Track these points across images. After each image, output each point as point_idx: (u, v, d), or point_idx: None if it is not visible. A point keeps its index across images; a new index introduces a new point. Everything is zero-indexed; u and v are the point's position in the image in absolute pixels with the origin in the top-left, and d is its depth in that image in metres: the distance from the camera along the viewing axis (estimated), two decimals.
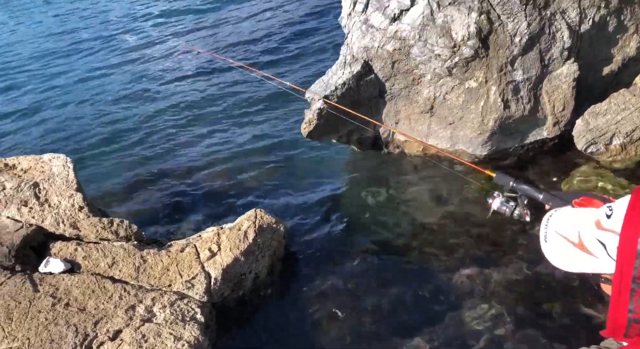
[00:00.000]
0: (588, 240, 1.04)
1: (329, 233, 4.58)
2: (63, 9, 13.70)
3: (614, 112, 4.38)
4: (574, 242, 1.08)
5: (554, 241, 1.13)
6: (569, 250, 1.09)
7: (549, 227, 1.15)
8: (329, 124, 5.06)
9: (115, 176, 5.76)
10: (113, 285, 3.66)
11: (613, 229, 0.98)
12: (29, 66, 10.03)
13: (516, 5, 4.13)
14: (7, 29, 12.55)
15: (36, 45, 11.13)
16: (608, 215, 1.00)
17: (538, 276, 3.69)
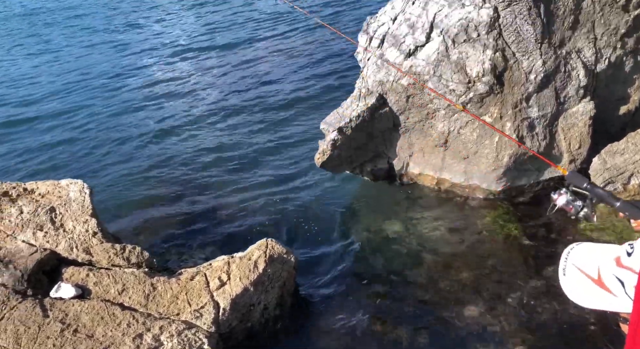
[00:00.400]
0: (607, 277, 1.03)
1: (340, 265, 4.54)
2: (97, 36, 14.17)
3: (631, 152, 4.33)
4: (592, 278, 1.07)
5: (573, 276, 1.11)
6: (587, 286, 1.08)
7: (569, 261, 1.14)
8: (343, 155, 5.09)
9: (130, 201, 5.83)
10: (122, 312, 3.66)
11: (632, 267, 0.97)
12: (50, 97, 10.33)
13: (531, 44, 4.16)
14: (31, 60, 13.00)
15: (56, 74, 11.47)
16: (629, 252, 0.99)
17: (552, 315, 3.59)
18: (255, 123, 7.41)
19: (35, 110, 9.56)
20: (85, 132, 8.10)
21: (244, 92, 8.52)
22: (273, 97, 8.18)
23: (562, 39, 4.18)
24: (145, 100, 8.87)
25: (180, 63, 10.71)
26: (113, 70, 11.08)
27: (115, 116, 8.43)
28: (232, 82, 9.10)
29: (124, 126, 7.99)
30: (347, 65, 8.60)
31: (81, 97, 9.77)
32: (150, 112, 8.29)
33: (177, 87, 9.38)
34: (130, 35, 13.58)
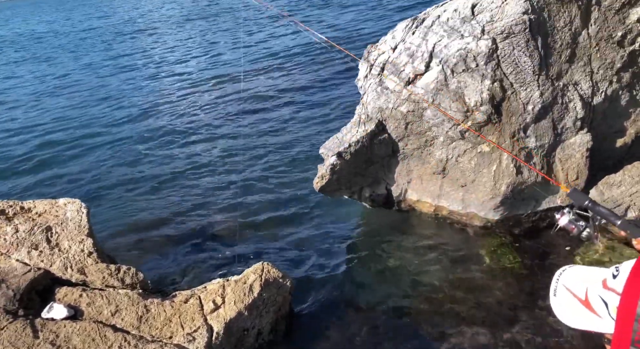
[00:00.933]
0: (593, 298, 1.05)
1: (336, 291, 4.50)
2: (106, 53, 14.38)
3: (628, 184, 4.36)
4: (580, 299, 1.09)
5: (563, 296, 1.14)
6: (575, 306, 1.10)
7: (560, 282, 1.16)
8: (342, 180, 5.11)
9: (127, 222, 5.82)
10: (114, 333, 3.61)
11: (616, 289, 0.98)
12: (47, 116, 10.41)
13: (529, 75, 4.23)
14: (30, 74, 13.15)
15: (55, 94, 11.58)
16: (614, 274, 1.02)
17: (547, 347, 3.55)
18: (255, 146, 7.47)
19: (33, 129, 9.62)
20: (85, 152, 8.14)
21: (244, 114, 8.61)
22: (273, 120, 8.26)
23: (559, 72, 4.25)
24: (144, 123, 8.95)
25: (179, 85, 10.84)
26: (114, 89, 11.20)
27: (116, 137, 8.49)
28: (232, 105, 9.20)
29: (123, 147, 8.04)
30: (348, 90, 8.71)
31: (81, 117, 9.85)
32: (149, 134, 8.36)
33: (176, 109, 9.48)
34: (130, 56, 13.77)
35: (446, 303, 4.12)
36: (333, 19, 12.79)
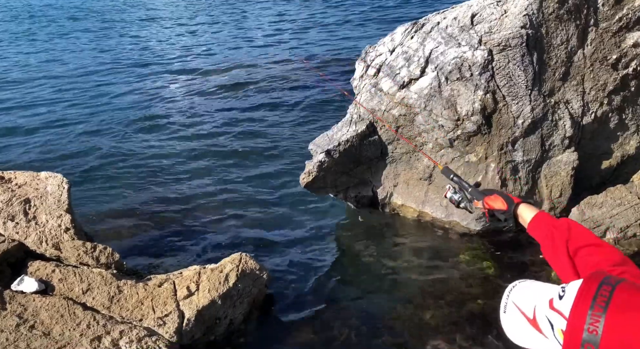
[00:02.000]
0: (540, 317, 1.04)
1: (312, 287, 4.50)
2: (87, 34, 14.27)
3: (609, 206, 4.40)
4: (528, 317, 1.08)
5: (512, 314, 1.12)
6: (523, 325, 1.09)
7: (510, 298, 1.15)
8: (328, 178, 5.11)
9: (108, 202, 5.78)
10: (83, 312, 3.58)
11: (562, 311, 0.98)
12: (41, 86, 10.32)
13: (522, 89, 4.26)
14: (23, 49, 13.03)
15: (49, 73, 11.48)
16: (560, 295, 1.01)
17: None
18: (243, 137, 7.45)
19: (25, 102, 9.53)
20: (72, 132, 8.06)
21: (234, 106, 8.60)
22: (263, 112, 8.25)
23: (552, 89, 4.28)
24: (135, 108, 8.89)
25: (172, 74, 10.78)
26: (108, 70, 11.12)
27: (105, 119, 8.43)
28: (223, 96, 9.17)
29: (112, 130, 7.98)
30: (343, 88, 8.71)
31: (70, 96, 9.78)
32: (139, 121, 8.31)
33: (166, 97, 9.42)
34: (127, 42, 13.68)
35: (421, 305, 4.14)
36: None
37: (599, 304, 0.87)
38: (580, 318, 0.88)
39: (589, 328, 0.86)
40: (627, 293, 0.86)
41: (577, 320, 0.88)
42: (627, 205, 4.31)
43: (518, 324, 1.10)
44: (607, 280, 0.90)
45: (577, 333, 0.87)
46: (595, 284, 0.90)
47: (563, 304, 0.98)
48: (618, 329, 0.84)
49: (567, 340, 0.89)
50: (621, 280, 0.90)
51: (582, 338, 0.86)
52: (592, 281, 0.91)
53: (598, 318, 0.86)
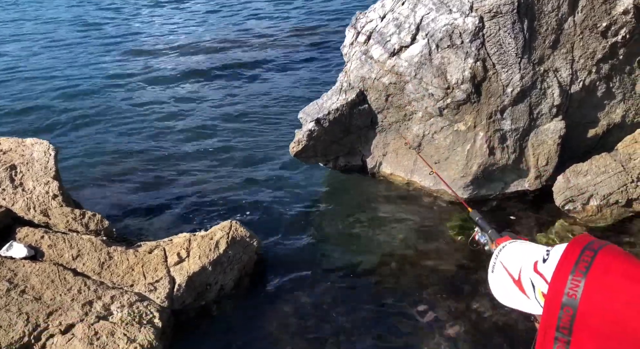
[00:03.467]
0: (524, 279, 1.07)
1: (303, 254, 4.56)
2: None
3: (594, 174, 4.48)
4: (513, 277, 1.10)
5: (498, 274, 1.15)
6: (508, 285, 1.12)
7: (499, 258, 1.17)
8: (318, 147, 5.11)
9: (98, 170, 5.73)
10: (74, 277, 3.60)
11: (544, 274, 1.00)
12: (31, 56, 10.04)
13: (512, 57, 4.26)
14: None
15: (42, 34, 11.16)
16: (544, 258, 1.02)
17: (498, 319, 3.68)
18: (233, 105, 7.37)
19: (11, 71, 9.29)
20: (60, 98, 7.91)
21: (223, 75, 8.46)
22: (253, 80, 8.15)
23: (541, 57, 4.28)
24: (127, 77, 8.71)
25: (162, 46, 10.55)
26: (97, 43, 10.84)
27: (94, 86, 8.26)
28: (213, 63, 9.02)
29: (101, 97, 7.84)
30: (333, 57, 8.62)
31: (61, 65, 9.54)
32: (123, 86, 8.16)
33: (157, 65, 9.24)
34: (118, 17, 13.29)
35: (408, 270, 4.22)
36: None
37: (580, 269, 0.88)
38: (561, 282, 0.90)
39: (568, 292, 0.88)
40: (608, 259, 0.88)
41: (558, 284, 0.90)
42: (610, 172, 4.39)
43: (504, 284, 1.13)
44: (590, 244, 0.92)
45: (557, 297, 0.90)
46: (578, 249, 0.92)
47: (546, 267, 1.00)
48: (596, 295, 0.86)
49: (547, 303, 0.92)
50: (605, 244, 0.92)
51: (562, 302, 0.88)
52: (575, 246, 0.93)
53: (578, 283, 0.88)
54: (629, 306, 0.82)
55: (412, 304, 3.91)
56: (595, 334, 0.85)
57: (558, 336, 0.89)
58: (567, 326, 0.88)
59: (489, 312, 3.76)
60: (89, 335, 3.21)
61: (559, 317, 0.88)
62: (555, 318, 0.89)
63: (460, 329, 3.64)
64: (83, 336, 3.19)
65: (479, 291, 3.97)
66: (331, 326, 3.71)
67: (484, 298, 3.89)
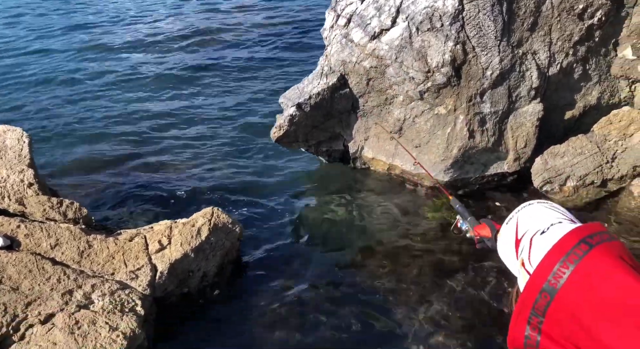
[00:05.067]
0: (523, 242, 1.07)
1: (285, 241, 4.56)
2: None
3: (570, 155, 4.56)
4: (517, 236, 1.11)
5: (509, 228, 1.16)
6: (509, 241, 1.13)
7: (518, 214, 1.17)
8: (299, 132, 5.08)
9: (74, 157, 5.60)
10: (53, 266, 3.53)
11: (533, 246, 1.01)
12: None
13: (491, 40, 4.28)
14: None
15: (9, 20, 10.80)
16: (544, 231, 1.03)
17: (483, 304, 3.75)
18: (214, 90, 7.27)
19: None
20: (31, 86, 7.68)
21: (204, 59, 8.32)
22: (234, 66, 8.04)
23: (520, 39, 4.31)
24: (105, 64, 8.50)
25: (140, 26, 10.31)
26: (67, 30, 10.54)
27: (67, 75, 8.04)
28: (193, 49, 8.86)
29: (75, 85, 7.63)
30: (314, 40, 8.54)
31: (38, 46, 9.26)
32: (99, 72, 7.97)
33: (136, 49, 9.04)
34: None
35: (390, 256, 4.26)
36: None
37: (569, 261, 0.89)
38: (547, 269, 0.91)
39: (550, 280, 0.90)
40: (599, 258, 0.89)
41: (544, 270, 0.92)
42: (587, 153, 4.48)
43: (507, 238, 1.14)
44: (588, 237, 0.92)
45: (539, 281, 0.91)
46: (575, 239, 0.92)
47: (538, 240, 1.01)
48: (574, 290, 0.87)
49: (529, 283, 0.93)
50: (606, 240, 0.92)
51: (542, 287, 0.90)
52: (573, 236, 0.94)
53: (562, 274, 0.89)
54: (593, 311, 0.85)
55: (394, 287, 3.95)
56: (563, 323, 0.88)
57: (532, 316, 0.92)
58: (541, 309, 0.90)
59: (472, 293, 3.83)
60: (69, 324, 3.16)
61: (536, 299, 0.91)
62: (533, 300, 0.91)
63: (444, 311, 3.69)
64: (64, 325, 3.14)
65: (460, 273, 4.03)
66: (314, 312, 3.73)
67: (466, 280, 3.96)
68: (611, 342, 0.82)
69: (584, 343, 0.85)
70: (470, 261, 4.11)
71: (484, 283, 3.87)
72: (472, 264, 4.07)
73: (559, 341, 0.89)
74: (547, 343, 0.91)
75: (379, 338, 3.51)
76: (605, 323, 0.83)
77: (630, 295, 0.83)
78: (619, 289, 0.84)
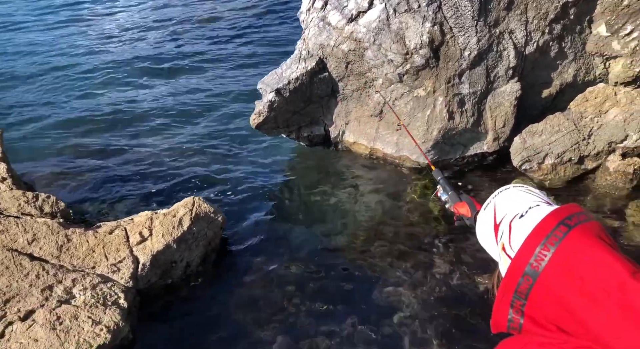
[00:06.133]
0: (502, 226, 1.08)
1: (269, 228, 4.54)
2: None
3: (548, 133, 4.61)
4: (495, 221, 1.12)
5: (487, 213, 1.16)
6: (488, 227, 1.14)
7: (495, 199, 1.17)
8: (279, 118, 5.03)
9: (48, 150, 5.46)
10: (31, 262, 3.47)
11: (512, 229, 1.01)
12: None
13: (468, 20, 4.27)
14: None
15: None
16: (522, 215, 1.03)
17: (466, 286, 3.79)
18: (191, 77, 7.14)
19: None
20: (2, 76, 7.43)
21: (179, 46, 8.15)
22: (210, 52, 7.89)
23: (497, 19, 4.31)
24: (80, 55, 8.26)
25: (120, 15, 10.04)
26: (40, 21, 10.20)
27: (40, 67, 7.80)
28: (169, 36, 8.67)
29: (47, 76, 7.41)
30: (291, 24, 8.42)
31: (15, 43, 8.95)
32: (76, 63, 7.75)
33: (110, 39, 8.80)
34: None
35: (373, 239, 4.28)
36: None
37: (549, 244, 0.90)
38: (528, 252, 0.91)
39: (532, 263, 0.90)
40: (579, 239, 0.89)
41: (525, 253, 0.92)
42: (564, 131, 4.53)
43: (486, 224, 1.15)
44: (567, 219, 0.92)
45: (521, 264, 0.92)
46: (554, 222, 0.93)
47: (517, 224, 1.02)
48: (556, 272, 0.88)
49: (511, 267, 0.94)
50: (584, 220, 0.93)
51: (524, 271, 0.91)
52: (552, 218, 0.94)
53: (543, 257, 0.89)
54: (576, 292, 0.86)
55: (377, 269, 3.98)
56: (546, 305, 0.89)
57: (515, 299, 0.93)
58: (524, 292, 0.91)
59: (454, 276, 3.87)
60: (51, 320, 3.12)
61: (518, 283, 0.92)
62: (515, 283, 0.92)
63: (426, 293, 3.73)
64: (45, 321, 3.10)
65: (442, 255, 4.08)
66: (300, 298, 3.73)
67: (448, 262, 4.00)
68: (594, 321, 0.83)
69: (567, 324, 0.87)
70: (452, 244, 4.16)
71: (466, 265, 3.92)
72: (454, 246, 4.12)
73: (541, 323, 0.90)
74: (530, 325, 0.92)
75: (363, 320, 3.53)
76: (587, 303, 0.84)
77: (611, 274, 0.84)
78: (600, 269, 0.85)
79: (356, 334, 3.43)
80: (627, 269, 0.83)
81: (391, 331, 3.46)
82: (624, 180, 4.44)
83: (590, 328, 0.83)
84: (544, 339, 0.90)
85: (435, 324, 3.46)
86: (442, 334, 3.39)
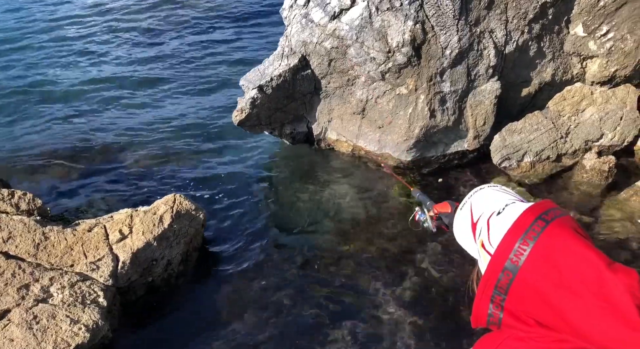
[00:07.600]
0: (480, 224, 1.09)
1: (250, 224, 4.53)
2: None
3: (527, 131, 4.69)
4: (472, 220, 1.13)
5: (464, 213, 1.17)
6: (466, 225, 1.15)
7: (471, 198, 1.18)
8: (262, 115, 5.01)
9: (25, 146, 5.34)
10: (6, 261, 3.40)
11: (491, 227, 1.03)
12: None
13: (449, 19, 4.31)
14: None
15: None
16: (499, 212, 1.04)
17: (448, 283, 3.83)
18: (173, 74, 7.06)
19: None
20: None
21: (161, 42, 8.05)
22: (192, 48, 7.81)
23: (477, 18, 4.36)
24: (57, 44, 8.07)
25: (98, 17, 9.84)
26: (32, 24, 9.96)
27: (17, 61, 7.61)
28: (152, 34, 8.54)
29: (26, 71, 7.24)
30: (273, 20, 8.37)
31: None
32: (53, 54, 7.58)
33: (95, 39, 8.63)
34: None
35: (355, 236, 4.30)
36: None
37: (528, 239, 0.91)
38: (508, 248, 0.93)
39: (512, 258, 0.92)
40: (556, 233, 0.91)
41: (504, 248, 0.94)
42: (542, 129, 4.61)
43: (463, 223, 1.16)
44: (544, 214, 0.94)
45: (501, 260, 0.93)
46: (532, 217, 0.94)
47: (495, 221, 1.03)
48: (535, 266, 0.90)
49: (491, 263, 0.96)
50: (560, 215, 0.95)
51: (504, 266, 0.92)
52: (529, 214, 0.96)
53: (523, 251, 0.91)
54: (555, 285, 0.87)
55: (360, 266, 4.00)
56: (526, 299, 0.91)
57: (495, 294, 0.94)
58: (504, 287, 0.92)
59: (435, 273, 3.91)
60: (27, 320, 3.06)
61: (498, 278, 0.93)
62: (495, 279, 0.94)
63: (408, 290, 3.76)
64: (21, 320, 3.04)
65: (424, 252, 4.11)
66: (281, 296, 3.73)
67: (430, 259, 4.04)
68: (572, 313, 0.85)
69: (547, 317, 0.88)
70: (433, 241, 4.20)
71: (447, 262, 3.97)
72: (436, 243, 4.16)
73: (521, 317, 0.92)
74: (509, 319, 0.94)
75: (345, 319, 3.55)
76: (566, 295, 0.86)
77: (588, 266, 0.86)
78: (577, 261, 0.87)
79: (342, 332, 3.44)
80: (604, 261, 0.85)
81: (374, 328, 3.48)
82: (599, 177, 4.55)
83: (568, 320, 0.85)
84: (522, 333, 0.91)
85: (423, 321, 3.50)
86: (430, 330, 3.43)
